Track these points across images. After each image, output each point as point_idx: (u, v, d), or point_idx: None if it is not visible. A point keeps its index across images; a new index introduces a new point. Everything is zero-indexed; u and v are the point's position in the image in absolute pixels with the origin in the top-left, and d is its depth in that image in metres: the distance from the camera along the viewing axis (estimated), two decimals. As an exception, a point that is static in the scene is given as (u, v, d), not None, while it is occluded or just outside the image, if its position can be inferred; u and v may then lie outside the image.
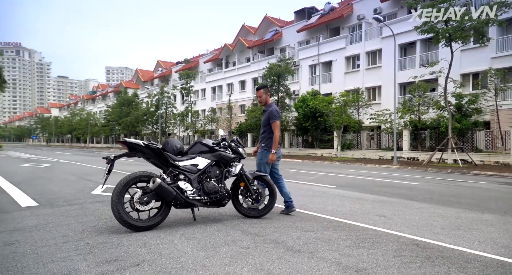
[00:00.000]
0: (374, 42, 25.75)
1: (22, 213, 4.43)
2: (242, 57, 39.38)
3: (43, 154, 24.26)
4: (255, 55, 37.00)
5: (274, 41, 35.12)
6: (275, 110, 4.64)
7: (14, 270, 2.47)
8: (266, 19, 37.51)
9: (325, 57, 28.93)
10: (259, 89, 4.81)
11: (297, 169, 12.85)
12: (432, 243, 3.37)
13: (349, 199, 6.05)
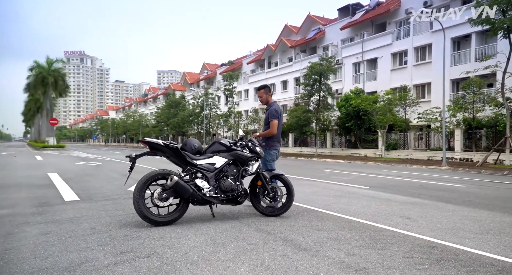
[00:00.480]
0: (423, 36, 24.32)
1: (64, 206, 4.89)
2: (285, 57, 39.32)
3: (98, 153, 26.27)
4: (297, 55, 36.76)
5: (317, 40, 34.62)
6: (274, 110, 4.81)
7: (40, 257, 2.76)
8: (309, 18, 37.10)
9: (369, 54, 27.92)
10: (260, 89, 5.00)
11: (335, 169, 12.57)
12: (450, 246, 3.21)
13: (378, 200, 5.85)
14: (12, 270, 2.47)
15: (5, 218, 4.11)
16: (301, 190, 6.84)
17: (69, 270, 2.49)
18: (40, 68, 35.34)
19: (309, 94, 26.01)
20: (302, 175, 10.12)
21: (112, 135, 75.09)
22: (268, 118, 4.83)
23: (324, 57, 26.44)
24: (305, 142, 30.80)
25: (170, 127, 44.17)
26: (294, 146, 31.38)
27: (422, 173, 11.73)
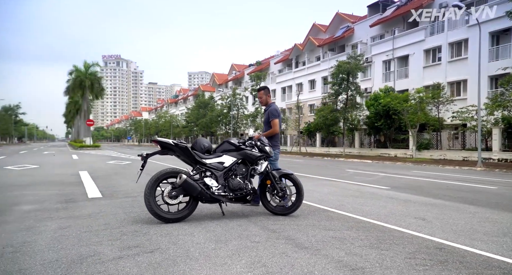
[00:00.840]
0: (459, 32, 23.15)
1: (86, 203, 5.16)
2: (312, 56, 38.91)
3: (130, 152, 27.33)
4: (325, 54, 36.26)
5: (345, 38, 33.97)
6: (274, 110, 4.96)
7: (53, 250, 2.95)
8: (337, 15, 36.47)
9: (401, 51, 26.98)
10: (260, 91, 5.14)
11: (360, 169, 12.27)
12: (459, 248, 3.10)
13: (396, 200, 5.70)
14: (26, 261, 2.65)
15: (32, 213, 4.41)
16: (319, 189, 6.78)
17: (76, 263, 2.64)
18: (78, 72, 37.43)
19: (336, 93, 25.58)
20: (323, 175, 9.99)
21: (145, 135, 77.79)
22: (268, 118, 4.97)
23: (352, 56, 25.86)
24: (333, 141, 30.32)
25: (199, 127, 45.09)
26: (322, 145, 30.98)
27: (454, 174, 11.18)
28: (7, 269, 2.49)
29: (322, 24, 39.60)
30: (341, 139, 27.90)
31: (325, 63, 34.65)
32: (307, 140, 33.51)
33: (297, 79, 39.29)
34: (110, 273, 2.45)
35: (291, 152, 30.77)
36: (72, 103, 46.90)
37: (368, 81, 30.18)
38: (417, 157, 19.99)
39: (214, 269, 2.56)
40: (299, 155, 25.42)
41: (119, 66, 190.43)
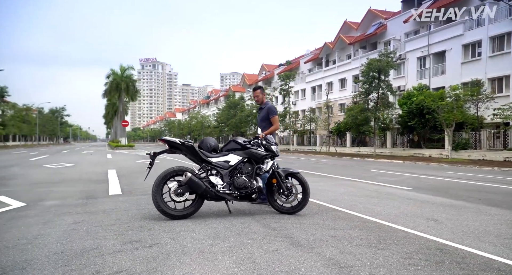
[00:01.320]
0: (501, 25, 21.71)
1: (105, 199, 5.42)
2: (343, 54, 38.13)
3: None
4: (356, 52, 35.40)
5: (378, 35, 32.97)
6: (273, 107, 5.15)
7: (61, 243, 3.13)
8: (369, 12, 35.50)
9: (437, 47, 25.75)
10: (256, 90, 5.21)
11: (387, 170, 11.84)
12: (462, 249, 3.00)
13: (413, 201, 5.51)
14: (34, 253, 2.84)
15: (53, 208, 4.71)
16: (335, 189, 6.66)
17: (78, 255, 2.80)
18: (115, 75, 39.34)
19: (366, 92, 24.86)
20: (345, 175, 9.77)
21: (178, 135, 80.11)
22: (267, 115, 5.09)
23: (384, 53, 25.00)
24: (364, 141, 29.52)
25: (230, 127, 45.66)
26: (352, 145, 30.25)
27: (490, 175, 10.50)
28: (15, 259, 2.68)
29: (354, 22, 38.69)
30: (372, 138, 27.08)
31: (356, 61, 33.83)
32: (337, 140, 32.88)
33: (327, 78, 38.69)
34: (106, 265, 2.57)
35: (320, 152, 30.32)
36: (110, 105, 49.32)
37: (401, 79, 29.10)
38: (453, 158, 18.96)
39: (203, 264, 2.61)
40: (327, 155, 25.00)
41: (155, 68, 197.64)
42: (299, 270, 2.49)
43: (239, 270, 2.50)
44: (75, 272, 2.42)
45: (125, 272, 2.44)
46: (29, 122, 55.79)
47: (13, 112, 50.07)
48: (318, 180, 8.53)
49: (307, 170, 11.30)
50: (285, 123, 37.20)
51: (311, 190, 6.50)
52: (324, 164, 15.39)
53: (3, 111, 48.75)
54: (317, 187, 7.03)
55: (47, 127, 67.03)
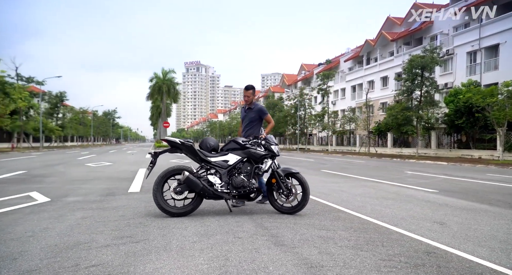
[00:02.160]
0: None
1: (122, 197, 5.71)
2: (385, 51, 36.60)
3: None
4: (400, 48, 33.77)
5: (423, 29, 31.19)
6: (264, 107, 5.13)
7: (60, 236, 3.35)
8: (414, 6, 33.63)
9: (489, 40, 23.75)
10: (249, 90, 5.07)
11: (423, 171, 11.14)
12: (453, 253, 2.87)
13: (430, 204, 5.23)
14: (31, 245, 3.06)
15: (72, 204, 5.05)
16: (352, 191, 6.45)
17: (68, 248, 2.97)
18: (157, 79, 41.30)
19: (408, 90, 23.59)
20: (373, 176, 9.36)
21: (219, 136, 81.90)
22: (259, 116, 5.08)
23: (428, 49, 23.54)
24: (406, 142, 28.06)
25: (268, 128, 45.73)
26: (394, 146, 28.90)
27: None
28: (12, 250, 2.91)
29: (397, 17, 36.92)
30: (415, 139, 25.65)
31: (399, 58, 32.27)
32: (378, 140, 31.59)
33: (368, 76, 37.32)
34: (88, 258, 2.72)
35: (359, 152, 29.31)
36: (154, 107, 51.75)
37: (449, 76, 27.24)
38: (506, 159, 17.37)
39: (177, 260, 2.68)
40: (366, 156, 24.10)
41: (198, 71, 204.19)
42: (266, 268, 2.51)
43: (208, 267, 2.53)
44: (57, 264, 2.58)
45: (101, 265, 2.57)
46: (85, 124, 60.28)
47: (72, 115, 54.43)
48: (339, 180, 8.28)
49: (334, 171, 11.00)
50: (323, 123, 36.50)
51: (328, 190, 6.43)
52: (356, 164, 14.87)
53: (64, 114, 53.17)
54: (334, 187, 6.82)
55: (100, 129, 71.94)
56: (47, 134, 41.98)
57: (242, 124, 5.28)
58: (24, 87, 33.63)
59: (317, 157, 22.97)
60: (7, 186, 6.85)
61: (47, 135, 43.27)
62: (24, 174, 9.34)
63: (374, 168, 12.85)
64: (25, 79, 36.52)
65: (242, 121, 5.30)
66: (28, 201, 5.20)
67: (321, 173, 10.53)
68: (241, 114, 5.36)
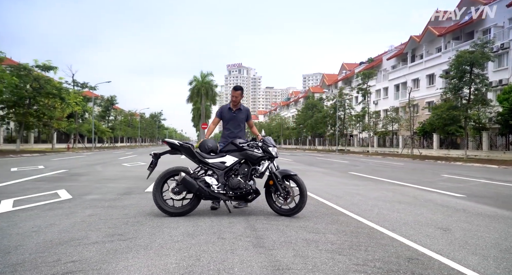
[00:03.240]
0: None
1: (136, 196, 5.95)
2: (432, 48, 34.51)
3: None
4: (448, 44, 31.63)
5: (474, 23, 28.98)
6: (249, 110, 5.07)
7: (60, 232, 3.54)
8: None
9: (549, 30, 21.39)
10: (238, 90, 4.99)
11: (463, 175, 10.30)
12: (436, 261, 2.76)
13: (445, 209, 4.96)
14: (30, 240, 3.25)
15: (88, 202, 5.36)
16: (368, 194, 6.22)
17: (59, 244, 3.14)
18: (196, 82, 42.67)
19: (455, 88, 21.97)
20: (402, 179, 8.84)
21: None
22: (246, 118, 5.12)
23: (478, 43, 21.75)
24: (455, 143, 26.18)
25: (307, 129, 45.22)
26: (440, 147, 27.09)
27: None
28: (10, 244, 3.10)
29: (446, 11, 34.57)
30: (464, 140, 23.84)
31: (447, 54, 30.25)
32: (422, 141, 29.80)
33: (413, 74, 35.43)
34: (71, 254, 2.85)
35: (401, 154, 27.87)
36: (196, 109, 53.49)
37: (504, 72, 25.03)
38: None
39: (151, 258, 2.75)
40: (408, 158, 22.85)
41: (240, 73, 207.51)
42: (231, 269, 2.52)
43: (175, 266, 2.57)
44: (41, 259, 2.75)
45: (79, 261, 2.69)
46: (133, 126, 63.91)
47: (122, 118, 58.03)
48: (361, 183, 7.96)
49: (362, 173, 10.56)
50: (364, 124, 35.24)
51: (343, 193, 6.24)
52: (392, 167, 14.14)
53: (115, 117, 56.84)
54: (351, 190, 6.57)
55: (147, 130, 75.82)
56: (99, 136, 45.08)
57: (227, 125, 5.07)
58: (79, 92, 36.45)
59: (354, 158, 22.22)
60: (43, 184, 7.46)
61: (99, 136, 46.46)
62: (64, 172, 10.11)
63: (410, 171, 12.15)
64: (80, 84, 39.62)
65: (227, 122, 5.06)
66: (52, 198, 5.62)
67: (347, 175, 10.17)
68: (225, 115, 5.08)
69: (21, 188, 6.68)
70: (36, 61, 27.56)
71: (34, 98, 26.29)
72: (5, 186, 6.96)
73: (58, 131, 37.05)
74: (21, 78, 24.58)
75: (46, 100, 27.86)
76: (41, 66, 27.56)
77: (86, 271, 2.50)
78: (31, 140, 35.51)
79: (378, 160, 20.32)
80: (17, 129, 29.00)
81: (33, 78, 25.73)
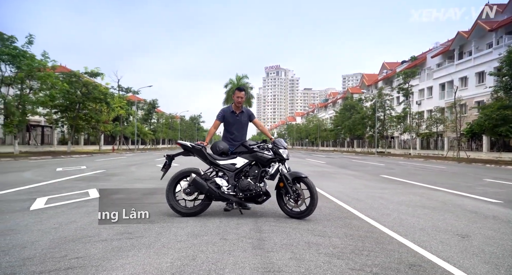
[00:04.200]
0: None
1: (157, 196, 5.99)
2: (482, 44, 32.11)
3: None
4: (500, 39, 29.26)
5: (529, 14, 26.50)
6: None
7: (77, 229, 3.77)
8: (520, -13, 28.88)
9: None
10: (242, 91, 4.84)
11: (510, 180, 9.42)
12: (440, 267, 2.64)
13: (473, 215, 4.66)
14: (48, 236, 3.47)
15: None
16: (392, 198, 5.97)
17: (72, 240, 3.31)
18: (232, 84, 43.34)
19: (507, 86, 20.26)
20: (435, 183, 8.32)
21: (295, 139, 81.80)
22: (249, 119, 4.98)
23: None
24: (508, 146, 24.09)
25: (345, 130, 44.08)
26: (491, 150, 25.07)
27: None
28: (29, 240, 3.31)
29: (499, 3, 32.08)
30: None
31: (498, 50, 27.96)
32: (470, 144, 27.77)
33: (460, 72, 33.23)
34: (79, 250, 3.01)
35: (446, 157, 26.20)
36: (233, 112, 54.40)
37: None
38: None
39: (149, 257, 2.84)
40: (453, 161, 21.43)
41: (278, 75, 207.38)
42: (222, 270, 2.53)
43: (169, 265, 2.63)
44: (50, 254, 2.92)
45: (83, 258, 2.83)
46: (174, 128, 66.37)
47: (163, 120, 60.54)
48: (389, 186, 7.62)
49: (395, 177, 10.06)
50: (405, 125, 33.64)
51: (365, 196, 6.09)
52: (431, 170, 13.32)
53: (157, 119, 59.44)
54: (375, 194, 6.30)
55: (187, 132, 78.30)
56: (142, 138, 47.35)
57: (230, 129, 4.87)
58: (123, 97, 38.58)
59: (392, 161, 21.27)
60: (79, 183, 7.97)
61: (142, 138, 48.80)
62: (101, 172, 10.73)
63: (450, 175, 11.38)
64: (124, 89, 41.93)
65: (231, 126, 4.86)
66: (82, 197, 5.98)
67: (377, 178, 9.76)
68: (228, 119, 4.86)
69: (58, 187, 7.19)
70: (86, 69, 29.71)
71: (83, 103, 28.28)
72: (46, 185, 7.53)
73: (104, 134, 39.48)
74: (72, 85, 26.52)
75: (94, 105, 29.88)
76: (89, 72, 29.63)
77: (86, 267, 2.62)
78: (81, 142, 38.17)
79: (419, 163, 19.27)
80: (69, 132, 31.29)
81: (82, 84, 27.67)
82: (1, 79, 20.95)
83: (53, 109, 27.68)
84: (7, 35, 20.44)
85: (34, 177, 9.00)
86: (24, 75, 21.19)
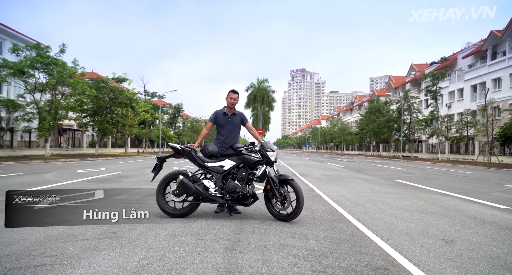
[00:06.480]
0: None
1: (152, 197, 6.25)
2: (516, 42, 30.33)
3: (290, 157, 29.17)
4: (537, 37, 27.56)
5: None
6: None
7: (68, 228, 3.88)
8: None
9: None
10: (236, 93, 4.82)
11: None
12: (406, 271, 2.62)
13: (471, 220, 4.51)
14: (36, 234, 3.61)
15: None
16: (394, 202, 5.82)
17: (56, 239, 3.42)
18: (253, 88, 43.58)
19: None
20: (450, 188, 7.93)
21: (320, 143, 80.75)
22: (242, 122, 4.97)
23: None
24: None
25: (370, 133, 43.02)
26: (525, 156, 23.55)
27: None
28: (17, 238, 3.45)
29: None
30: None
31: (534, 48, 26.34)
32: (504, 148, 26.24)
33: (493, 73, 31.62)
34: (57, 249, 3.09)
35: (476, 161, 24.88)
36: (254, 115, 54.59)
37: None
38: None
39: (120, 256, 2.90)
40: (482, 166, 20.33)
41: (304, 78, 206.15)
42: (184, 270, 2.57)
43: (135, 264, 2.68)
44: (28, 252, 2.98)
45: (57, 256, 2.92)
46: (198, 132, 67.54)
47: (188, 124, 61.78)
48: (397, 191, 7.39)
49: (410, 181, 9.68)
50: (432, 128, 32.36)
51: (366, 201, 6.03)
52: (453, 175, 12.69)
53: (184, 123, 60.73)
54: (378, 198, 6.10)
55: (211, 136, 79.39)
56: (167, 141, 48.55)
57: (222, 131, 4.86)
58: (149, 101, 39.78)
59: (415, 165, 20.46)
60: (91, 184, 8.27)
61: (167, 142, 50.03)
62: (116, 174, 11.09)
63: (471, 180, 10.81)
64: (150, 94, 43.23)
65: (222, 127, 4.85)
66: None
67: (389, 182, 9.43)
68: (220, 121, 4.86)
69: (69, 188, 7.50)
70: (114, 74, 31.02)
71: (110, 107, 29.45)
72: (58, 185, 7.88)
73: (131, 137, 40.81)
74: (99, 90, 27.70)
75: (120, 109, 31.02)
76: (116, 78, 30.86)
77: (55, 264, 2.71)
78: (109, 145, 39.65)
79: (444, 168, 18.44)
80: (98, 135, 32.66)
81: (109, 90, 28.82)
82: (35, 86, 22.22)
83: (83, 113, 29.00)
84: (44, 45, 21.76)
85: (53, 178, 9.44)
86: (55, 82, 22.38)
